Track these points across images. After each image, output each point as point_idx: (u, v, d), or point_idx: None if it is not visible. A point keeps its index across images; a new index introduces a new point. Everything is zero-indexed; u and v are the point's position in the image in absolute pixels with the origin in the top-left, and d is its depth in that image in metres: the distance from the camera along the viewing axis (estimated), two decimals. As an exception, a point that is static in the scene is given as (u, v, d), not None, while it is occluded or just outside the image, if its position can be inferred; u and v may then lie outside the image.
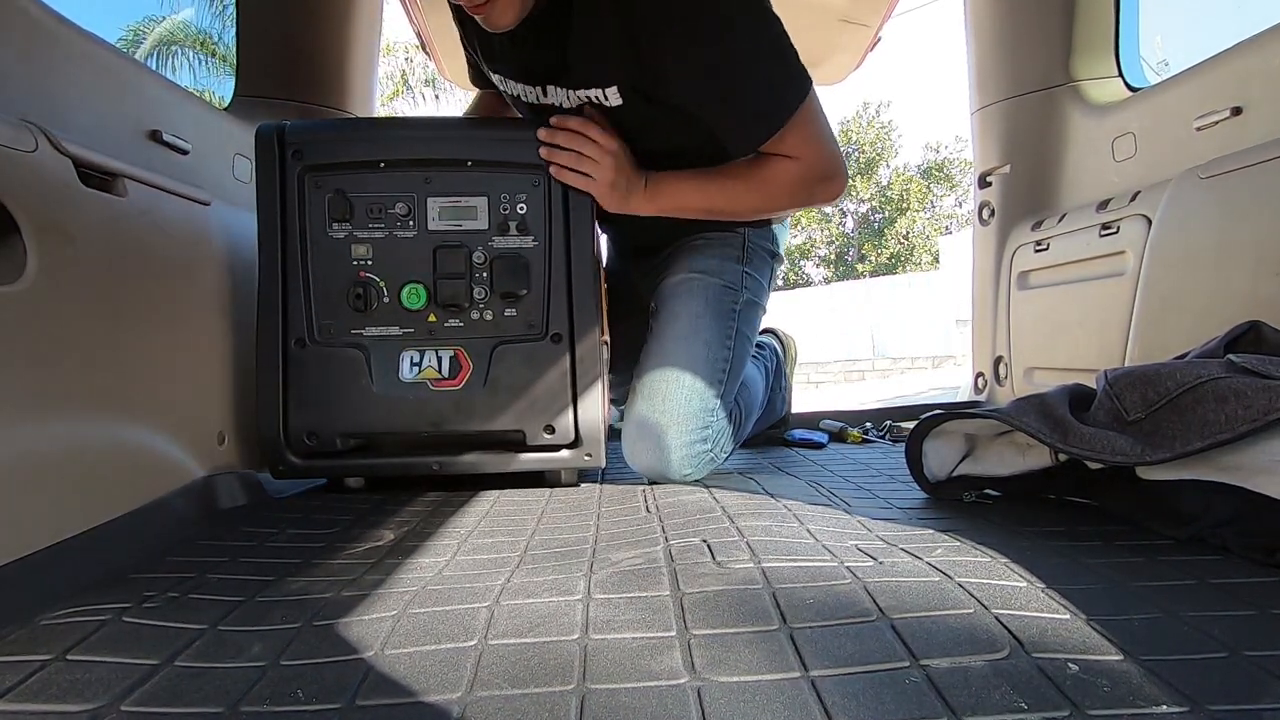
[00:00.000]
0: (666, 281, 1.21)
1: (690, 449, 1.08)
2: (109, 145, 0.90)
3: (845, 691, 0.44)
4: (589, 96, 1.06)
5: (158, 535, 0.82)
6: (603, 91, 1.05)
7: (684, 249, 1.24)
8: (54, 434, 0.73)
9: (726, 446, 1.17)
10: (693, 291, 1.18)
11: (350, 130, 1.17)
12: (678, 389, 1.10)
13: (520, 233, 1.08)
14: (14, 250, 0.71)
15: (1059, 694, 0.42)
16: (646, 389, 1.12)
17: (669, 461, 1.08)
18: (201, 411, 1.02)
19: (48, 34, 0.87)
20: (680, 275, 1.20)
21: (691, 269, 1.20)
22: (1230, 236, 1.02)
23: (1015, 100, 1.64)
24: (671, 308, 1.18)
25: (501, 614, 0.57)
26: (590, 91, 1.05)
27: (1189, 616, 0.52)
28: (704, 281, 1.19)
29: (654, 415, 1.09)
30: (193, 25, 11.25)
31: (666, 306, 1.18)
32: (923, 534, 0.74)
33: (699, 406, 1.10)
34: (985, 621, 0.51)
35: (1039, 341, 1.55)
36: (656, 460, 1.08)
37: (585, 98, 1.06)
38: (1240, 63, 1.14)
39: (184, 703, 0.45)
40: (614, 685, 0.45)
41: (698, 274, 1.19)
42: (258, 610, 0.60)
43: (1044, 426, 0.78)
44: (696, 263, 1.21)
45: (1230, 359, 0.71)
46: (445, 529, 0.87)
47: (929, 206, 21.16)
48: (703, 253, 1.22)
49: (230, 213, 1.12)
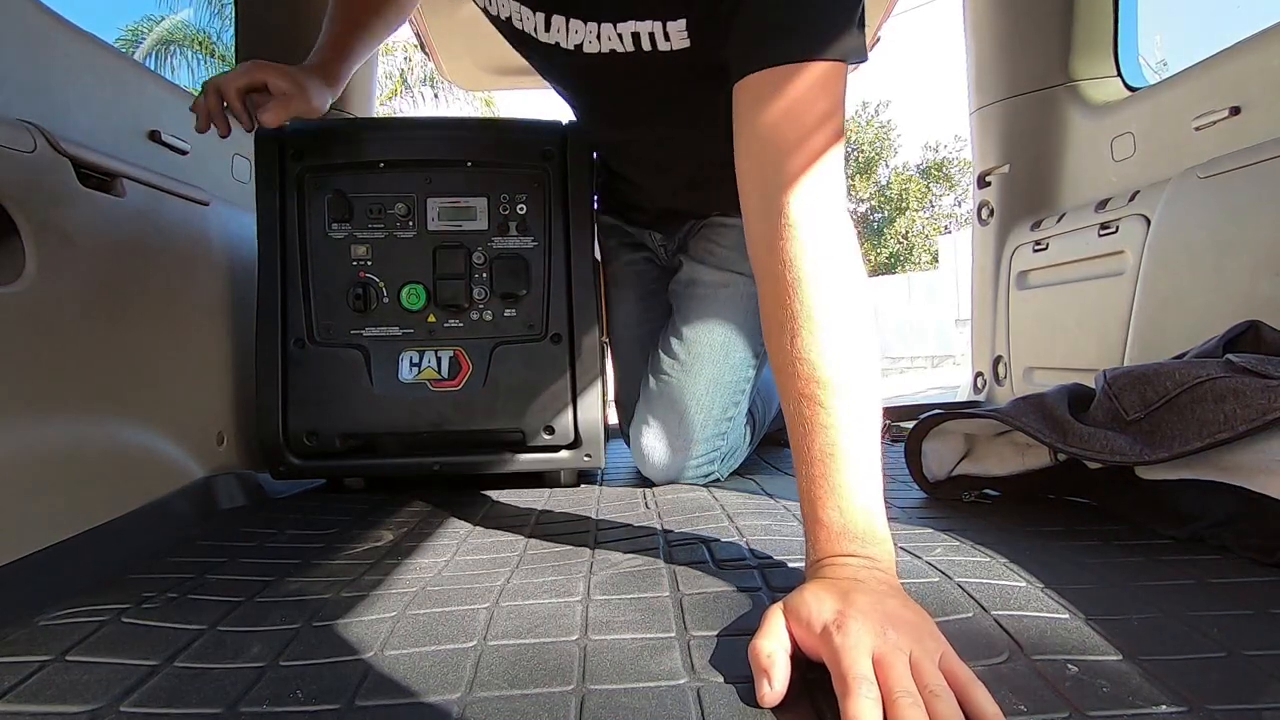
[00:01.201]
0: (699, 277, 1.15)
1: (701, 470, 1.10)
2: (108, 145, 0.90)
3: (844, 692, 0.43)
4: (635, 33, 0.78)
5: (157, 536, 0.82)
6: (663, 27, 0.76)
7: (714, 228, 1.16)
8: (52, 434, 0.73)
9: (740, 457, 1.17)
10: (733, 301, 1.11)
11: (350, 130, 1.17)
12: (697, 410, 1.08)
13: (520, 233, 1.08)
14: (13, 251, 0.71)
15: (1058, 696, 0.42)
16: (664, 399, 1.09)
17: (681, 477, 1.09)
18: (200, 412, 1.02)
19: (47, 34, 0.87)
20: (714, 274, 1.13)
21: (727, 265, 1.13)
22: (1229, 236, 1.02)
23: (1014, 100, 1.63)
24: (704, 316, 1.11)
25: (501, 615, 0.57)
26: (642, 25, 0.77)
27: (1188, 616, 0.52)
28: (743, 288, 1.12)
29: (669, 431, 1.08)
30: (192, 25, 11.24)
31: (698, 313, 1.12)
32: (922, 533, 0.74)
33: (714, 431, 1.09)
34: (984, 625, 0.51)
35: (1038, 341, 1.55)
36: (666, 475, 1.09)
37: (629, 35, 0.78)
38: (1239, 62, 1.14)
39: (183, 703, 0.45)
40: (613, 686, 0.45)
41: (736, 274, 1.12)
42: (257, 611, 0.60)
43: (1043, 426, 0.78)
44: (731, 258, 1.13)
45: (1229, 359, 0.71)
46: (445, 530, 0.87)
47: (928, 206, 21.17)
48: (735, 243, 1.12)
49: (229, 213, 1.12)
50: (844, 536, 0.52)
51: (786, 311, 0.59)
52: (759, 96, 0.65)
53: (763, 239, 0.62)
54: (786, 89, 0.64)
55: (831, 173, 0.63)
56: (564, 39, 0.82)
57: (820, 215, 0.61)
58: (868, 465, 0.55)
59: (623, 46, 0.79)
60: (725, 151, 0.67)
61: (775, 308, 0.60)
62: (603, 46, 0.80)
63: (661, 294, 1.23)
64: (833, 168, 0.63)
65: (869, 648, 0.42)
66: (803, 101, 0.64)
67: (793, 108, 0.64)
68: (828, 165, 0.62)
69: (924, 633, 0.44)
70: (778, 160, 0.62)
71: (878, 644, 0.42)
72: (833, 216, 0.61)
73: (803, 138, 0.63)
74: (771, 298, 0.61)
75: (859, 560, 0.51)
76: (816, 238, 0.60)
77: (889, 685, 0.40)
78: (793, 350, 0.58)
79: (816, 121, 0.63)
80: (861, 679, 0.40)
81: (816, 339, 0.57)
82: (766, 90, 0.64)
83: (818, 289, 0.58)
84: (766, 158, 0.63)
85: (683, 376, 1.10)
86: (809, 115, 0.64)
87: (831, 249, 0.60)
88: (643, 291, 1.26)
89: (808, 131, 0.63)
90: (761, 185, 0.63)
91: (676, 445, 1.07)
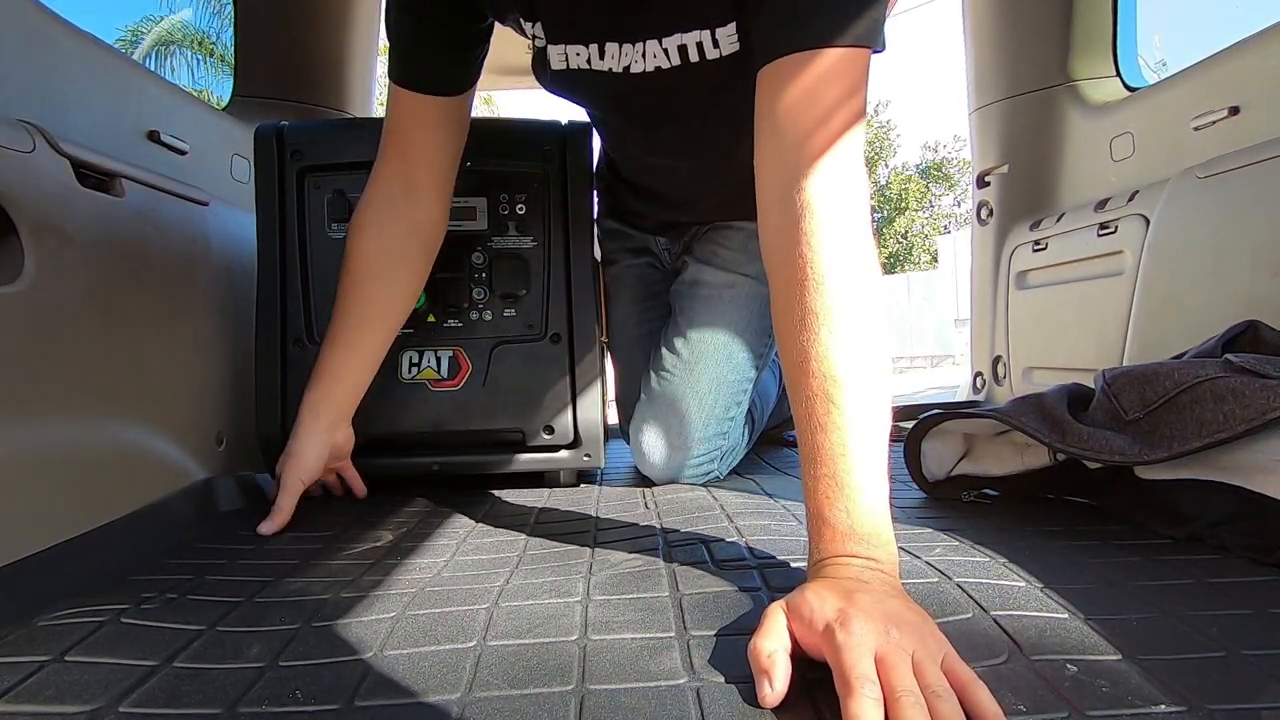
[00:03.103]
0: (704, 278, 1.14)
1: (701, 468, 1.10)
2: (107, 145, 0.90)
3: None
4: (682, 46, 0.77)
5: (156, 537, 0.82)
6: (711, 34, 0.75)
7: (720, 230, 1.16)
8: (51, 435, 0.73)
9: (739, 455, 1.18)
10: (737, 302, 1.11)
11: (349, 130, 1.17)
12: (698, 409, 1.08)
13: (520, 233, 1.08)
14: (11, 251, 0.71)
15: (1058, 696, 0.42)
16: (666, 398, 1.09)
17: (680, 476, 1.09)
18: (200, 412, 1.02)
19: (46, 34, 0.87)
20: (720, 275, 1.13)
21: (732, 267, 1.12)
22: (1228, 236, 1.02)
23: (1013, 100, 1.64)
24: (708, 316, 1.11)
25: (501, 615, 0.57)
26: (689, 36, 0.76)
27: (1187, 616, 0.52)
28: (748, 289, 1.11)
29: (670, 430, 1.08)
30: (191, 25, 11.24)
31: (702, 312, 1.12)
32: (921, 533, 0.74)
33: (715, 430, 1.09)
34: (984, 626, 0.51)
35: (1037, 341, 1.55)
36: (666, 474, 1.09)
37: (675, 49, 0.77)
38: (1238, 62, 1.14)
39: (182, 703, 0.45)
40: (613, 686, 0.45)
41: (741, 275, 1.12)
42: (256, 611, 0.60)
43: (1042, 426, 0.79)
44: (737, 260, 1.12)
45: (1228, 358, 0.71)
46: (444, 530, 0.87)
47: (927, 206, 21.18)
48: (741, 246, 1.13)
49: (229, 213, 1.12)
50: (849, 537, 0.52)
51: (803, 307, 0.57)
52: (781, 83, 0.63)
53: (779, 231, 0.61)
54: (809, 74, 0.62)
55: (853, 163, 0.61)
56: (615, 64, 0.82)
57: (841, 208, 0.59)
58: (877, 467, 0.54)
59: (668, 62, 0.78)
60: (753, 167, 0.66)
61: (790, 303, 0.58)
62: (648, 65, 0.80)
63: (662, 295, 1.23)
64: (855, 158, 0.61)
65: (871, 647, 0.42)
66: (825, 88, 0.62)
67: (815, 94, 0.62)
68: (850, 155, 0.61)
69: (926, 633, 0.44)
70: (798, 149, 0.61)
71: (880, 643, 0.42)
72: (854, 210, 0.60)
73: (825, 126, 0.61)
74: (786, 292, 0.59)
75: (862, 561, 0.51)
76: (837, 231, 0.58)
77: (891, 685, 0.40)
78: (808, 347, 0.56)
79: (839, 109, 0.61)
80: (864, 678, 0.40)
81: (833, 336, 0.56)
82: (789, 76, 0.63)
83: (836, 285, 0.57)
84: (786, 147, 0.62)
85: (685, 375, 1.10)
86: (832, 102, 0.61)
87: (851, 244, 0.59)
88: (644, 293, 1.26)
89: (830, 119, 0.61)
90: (781, 176, 0.61)
91: (677, 444, 1.07)
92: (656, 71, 0.80)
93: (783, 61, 0.64)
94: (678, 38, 0.76)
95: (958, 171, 20.37)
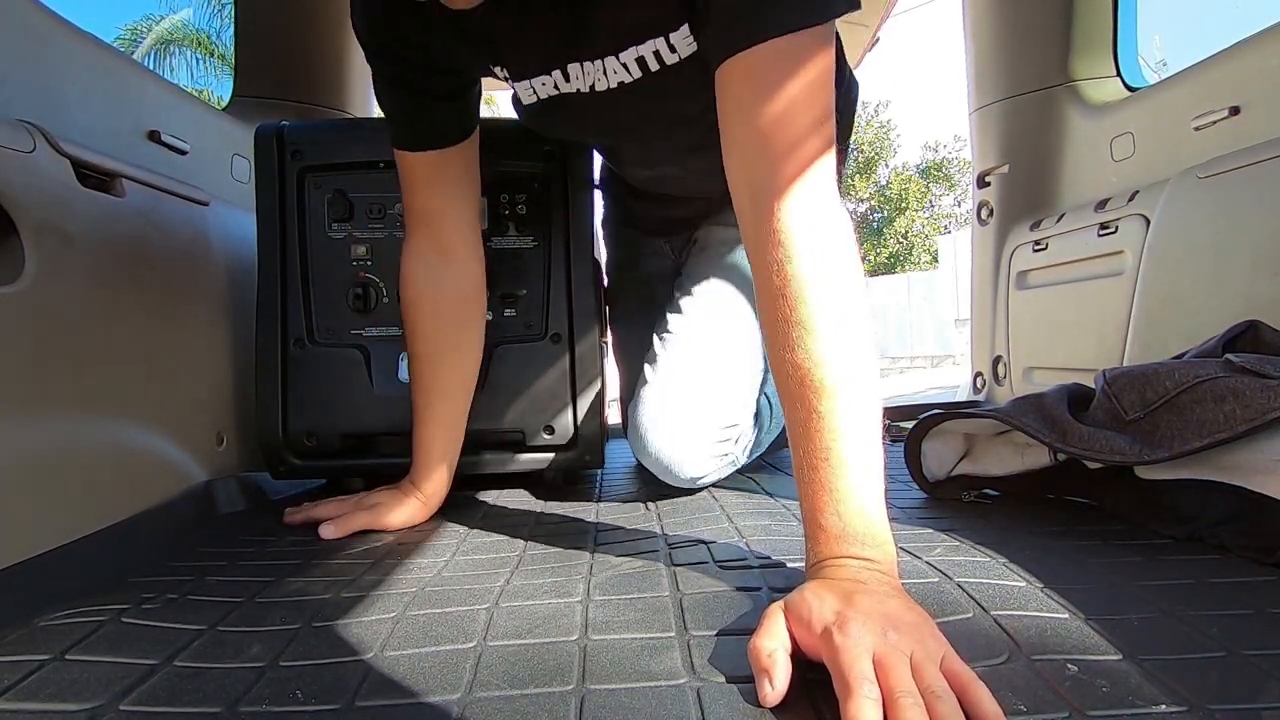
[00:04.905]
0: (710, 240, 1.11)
1: (716, 448, 0.99)
2: (107, 145, 0.90)
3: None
4: (641, 56, 0.75)
5: (157, 539, 0.82)
6: (665, 41, 0.73)
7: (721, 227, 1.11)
8: (52, 435, 0.73)
9: (749, 454, 1.09)
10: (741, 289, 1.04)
11: (349, 130, 1.17)
12: (699, 410, 0.97)
13: (520, 233, 1.08)
14: (12, 251, 0.71)
15: (1058, 696, 0.42)
16: (669, 364, 0.98)
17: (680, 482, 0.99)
18: (200, 412, 1.02)
19: (46, 34, 0.87)
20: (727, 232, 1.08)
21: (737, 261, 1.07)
22: (1228, 236, 1.02)
23: (1014, 100, 1.64)
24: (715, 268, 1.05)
25: (501, 615, 0.57)
26: (643, 48, 0.74)
27: (1187, 616, 0.52)
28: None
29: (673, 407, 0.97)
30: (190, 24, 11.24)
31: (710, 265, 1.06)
32: (921, 533, 0.74)
33: (719, 434, 0.98)
34: (984, 625, 0.51)
35: (1038, 341, 1.55)
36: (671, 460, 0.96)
37: (633, 61, 0.75)
38: (1238, 62, 1.14)
39: (182, 703, 0.45)
40: (613, 686, 0.46)
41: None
42: (257, 611, 0.60)
43: (1043, 426, 0.79)
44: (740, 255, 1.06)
45: (1228, 358, 0.71)
46: (444, 530, 0.87)
47: (928, 206, 21.18)
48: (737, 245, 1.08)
49: (229, 213, 1.12)
50: (844, 539, 0.52)
51: (781, 317, 0.57)
52: (737, 87, 0.60)
53: (754, 242, 0.60)
54: (761, 72, 0.59)
55: (822, 165, 0.59)
56: (582, 83, 0.80)
57: (813, 215, 0.58)
58: (866, 469, 0.54)
59: (629, 75, 0.77)
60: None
61: (771, 313, 0.58)
62: (611, 81, 0.78)
63: (664, 296, 1.23)
64: (823, 159, 0.59)
65: (870, 648, 0.42)
66: (779, 81, 0.58)
67: (768, 91, 0.58)
68: (818, 156, 0.58)
69: (925, 634, 0.44)
70: (763, 156, 0.59)
71: (879, 644, 0.42)
72: (826, 215, 0.58)
73: (785, 123, 0.58)
74: (767, 303, 0.59)
75: (859, 562, 0.51)
76: (810, 240, 0.57)
77: (890, 685, 0.40)
78: (788, 357, 0.56)
79: (798, 100, 0.58)
80: (862, 679, 0.40)
81: (811, 345, 0.55)
82: (741, 77, 0.60)
83: (811, 295, 0.56)
84: (750, 155, 0.60)
85: (692, 336, 0.99)
86: (791, 95, 0.58)
87: (826, 251, 0.57)
88: (645, 293, 1.26)
89: (790, 113, 0.58)
90: (750, 185, 0.60)
91: (682, 425, 0.95)
92: (620, 87, 0.79)
93: (733, 62, 0.60)
94: (633, 51, 0.75)
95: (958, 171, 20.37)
